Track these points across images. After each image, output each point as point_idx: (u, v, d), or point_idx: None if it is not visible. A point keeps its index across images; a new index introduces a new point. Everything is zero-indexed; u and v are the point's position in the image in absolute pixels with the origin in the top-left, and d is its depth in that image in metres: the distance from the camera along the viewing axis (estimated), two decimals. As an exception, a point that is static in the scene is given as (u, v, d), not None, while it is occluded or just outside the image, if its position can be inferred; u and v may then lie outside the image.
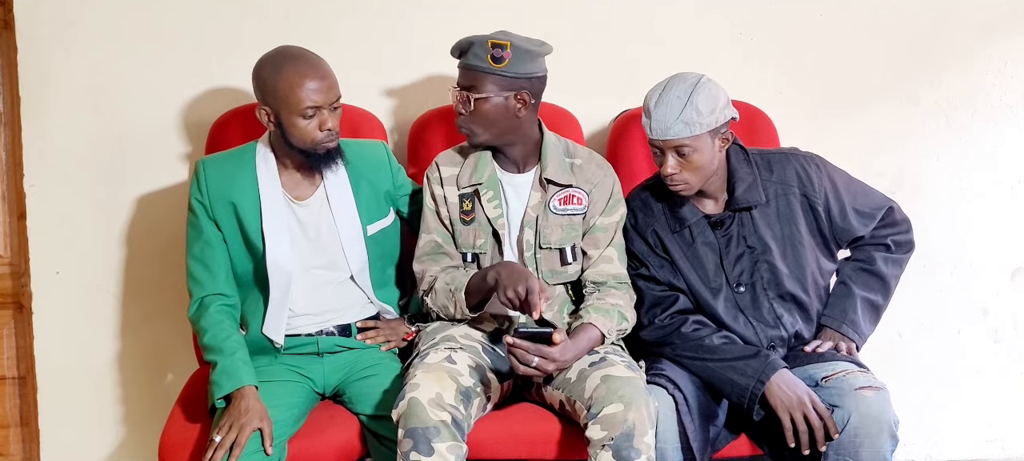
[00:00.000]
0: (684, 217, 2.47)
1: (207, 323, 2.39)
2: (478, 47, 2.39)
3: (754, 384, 2.29)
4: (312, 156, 2.40)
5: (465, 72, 2.43)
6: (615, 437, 2.16)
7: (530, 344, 2.24)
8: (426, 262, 2.53)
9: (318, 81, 2.35)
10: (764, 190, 2.46)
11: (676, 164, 2.36)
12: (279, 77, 2.34)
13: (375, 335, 2.54)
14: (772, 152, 2.55)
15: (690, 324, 2.42)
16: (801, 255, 2.46)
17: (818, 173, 2.50)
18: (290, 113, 2.35)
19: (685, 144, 2.34)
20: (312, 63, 2.37)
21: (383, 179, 2.54)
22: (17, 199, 2.94)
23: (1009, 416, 3.16)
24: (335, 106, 2.39)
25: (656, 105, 2.36)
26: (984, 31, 3.02)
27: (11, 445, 3.03)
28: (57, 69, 2.85)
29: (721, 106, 2.36)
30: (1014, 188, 3.08)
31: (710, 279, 2.46)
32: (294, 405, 2.36)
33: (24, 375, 3.02)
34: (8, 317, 3.00)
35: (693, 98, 2.33)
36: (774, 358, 2.33)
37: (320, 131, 2.37)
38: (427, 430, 2.15)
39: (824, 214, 2.48)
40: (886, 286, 2.55)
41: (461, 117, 2.45)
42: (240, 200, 2.44)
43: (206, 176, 2.45)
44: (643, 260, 2.50)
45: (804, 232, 2.47)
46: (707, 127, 2.34)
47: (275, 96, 2.35)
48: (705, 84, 2.36)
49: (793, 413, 2.24)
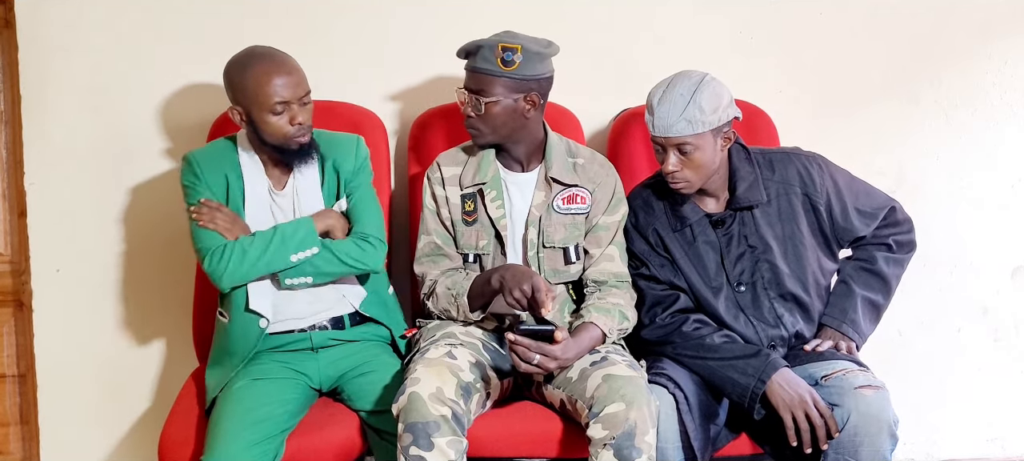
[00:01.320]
0: (685, 215, 2.47)
1: (236, 245, 2.40)
2: (487, 50, 2.38)
3: (755, 383, 2.29)
4: (286, 152, 2.43)
5: (473, 75, 2.42)
6: (616, 436, 2.16)
7: (532, 341, 2.24)
8: (426, 264, 2.53)
9: (285, 77, 2.37)
10: (766, 189, 2.46)
11: (677, 162, 2.36)
12: (246, 76, 2.37)
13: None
14: (774, 151, 2.55)
15: (691, 323, 2.42)
16: (802, 254, 2.46)
17: (820, 172, 2.50)
18: (260, 110, 2.37)
19: (687, 142, 2.34)
20: (278, 60, 2.40)
21: (347, 163, 2.54)
22: (17, 197, 2.94)
23: (1009, 415, 3.16)
24: (305, 101, 2.41)
25: (659, 102, 2.35)
26: (984, 30, 3.02)
27: (11, 443, 3.03)
28: (57, 68, 2.85)
29: (724, 105, 2.36)
30: (1014, 187, 3.08)
31: (711, 278, 2.45)
32: (289, 401, 2.36)
33: (24, 373, 3.02)
34: (8, 315, 3.00)
35: (696, 96, 2.32)
36: (775, 357, 2.33)
37: (290, 125, 2.39)
38: (427, 425, 2.15)
39: (825, 213, 2.48)
40: (887, 286, 2.55)
41: (470, 119, 2.44)
42: (231, 179, 2.47)
43: (196, 161, 2.48)
44: (644, 259, 2.49)
45: (805, 231, 2.47)
46: (709, 126, 2.34)
47: (244, 94, 2.38)
48: (709, 82, 2.36)
49: (795, 412, 2.24)
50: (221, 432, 2.25)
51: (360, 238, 2.48)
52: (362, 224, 2.51)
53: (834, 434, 2.22)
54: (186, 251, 2.85)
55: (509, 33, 2.44)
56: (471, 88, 2.42)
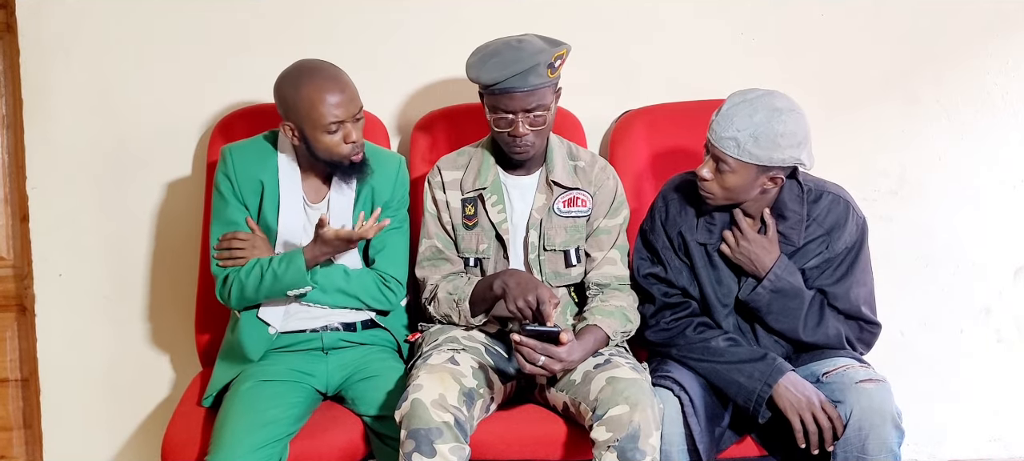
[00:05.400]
0: (715, 233, 2.42)
1: (236, 276, 2.40)
2: (541, 65, 2.31)
3: (761, 387, 2.28)
4: (339, 168, 2.41)
5: (531, 94, 2.32)
6: (620, 438, 2.16)
7: (537, 343, 2.23)
8: (427, 269, 2.52)
9: (339, 95, 2.33)
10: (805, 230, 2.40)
11: (710, 172, 2.32)
12: (299, 94, 2.33)
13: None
14: (827, 185, 2.45)
15: (695, 326, 2.41)
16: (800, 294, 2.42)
17: (854, 231, 2.41)
18: (313, 129, 2.34)
19: (726, 160, 2.28)
20: (331, 77, 2.35)
21: (386, 187, 2.53)
22: (20, 201, 2.94)
23: (1012, 415, 3.15)
24: (358, 117, 2.38)
25: (728, 108, 2.29)
26: (986, 30, 3.01)
27: (14, 448, 3.03)
28: (59, 72, 2.85)
29: (787, 148, 2.26)
30: (1016, 187, 3.07)
31: (724, 297, 2.43)
32: (295, 404, 2.36)
33: (27, 377, 3.02)
34: (11, 319, 3.00)
35: (760, 127, 2.24)
36: (780, 361, 2.32)
37: (345, 144, 2.36)
38: (429, 431, 2.15)
39: (823, 263, 2.42)
40: (820, 320, 2.43)
41: (526, 138, 2.37)
42: (266, 184, 2.45)
43: (233, 160, 2.46)
44: (662, 257, 2.47)
45: (810, 276, 2.43)
46: (757, 160, 2.26)
47: (297, 112, 2.35)
48: (783, 120, 2.24)
49: (803, 415, 2.24)
50: (226, 434, 2.25)
51: (381, 280, 2.49)
52: (387, 264, 2.50)
53: (840, 434, 2.22)
54: (189, 254, 2.86)
55: (525, 36, 2.39)
56: (527, 107, 2.34)
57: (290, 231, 2.45)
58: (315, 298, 2.45)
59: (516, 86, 2.30)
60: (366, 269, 2.51)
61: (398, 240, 2.53)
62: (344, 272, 2.47)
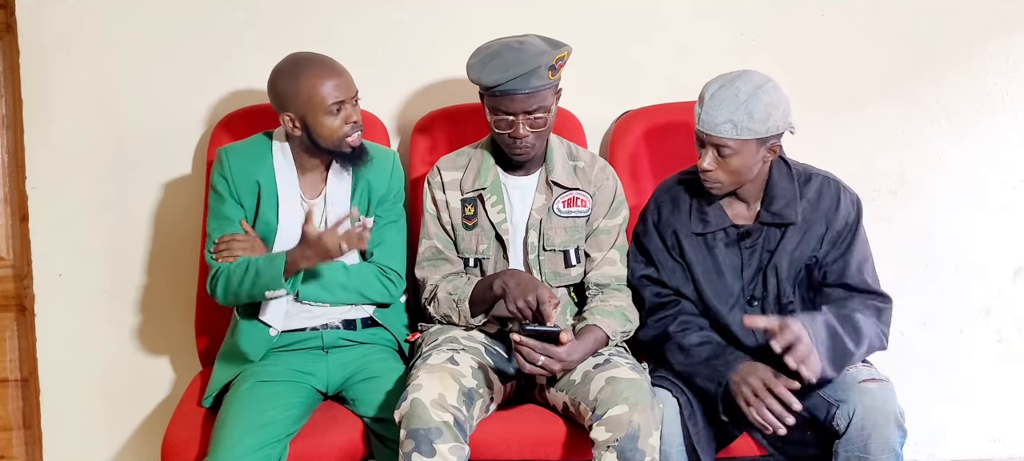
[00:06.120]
0: (709, 220, 2.41)
1: (226, 270, 2.41)
2: (543, 67, 2.31)
3: (715, 388, 2.28)
4: (341, 155, 2.43)
5: (529, 97, 2.33)
6: (620, 438, 2.16)
7: (537, 343, 2.23)
8: (427, 269, 2.52)
9: (337, 78, 2.39)
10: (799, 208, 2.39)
11: (713, 162, 2.30)
12: (298, 83, 2.38)
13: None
14: (814, 169, 2.45)
15: (677, 323, 2.39)
16: (805, 282, 2.41)
17: (849, 211, 2.39)
18: (316, 113, 2.38)
19: (727, 145, 2.27)
20: (326, 63, 2.42)
21: (381, 181, 2.54)
22: (19, 201, 2.94)
23: (1012, 416, 3.15)
24: (356, 100, 2.43)
25: (711, 97, 2.28)
26: (986, 30, 3.01)
27: (14, 448, 3.03)
28: (59, 72, 2.85)
29: (777, 116, 2.27)
30: (1016, 187, 3.07)
31: (726, 291, 2.41)
32: (294, 404, 2.36)
33: (27, 377, 3.02)
34: (11, 319, 3.00)
35: (750, 101, 2.25)
36: (734, 355, 2.30)
37: (346, 124, 2.40)
38: (429, 431, 2.15)
39: (824, 245, 2.39)
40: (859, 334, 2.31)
41: (527, 140, 2.38)
42: (263, 184, 2.47)
43: (229, 161, 2.48)
44: (656, 260, 2.46)
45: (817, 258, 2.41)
46: (755, 134, 2.26)
47: (297, 101, 2.38)
48: (768, 90, 2.27)
49: (752, 402, 2.21)
50: (225, 435, 2.25)
51: (381, 272, 2.51)
52: (385, 257, 2.52)
53: (794, 408, 2.18)
54: (189, 254, 2.86)
55: (526, 37, 2.39)
56: (528, 109, 2.34)
57: (291, 228, 2.46)
58: (316, 295, 2.46)
59: (517, 88, 2.31)
60: (364, 263, 2.52)
61: (395, 234, 2.55)
62: (343, 268, 2.48)
